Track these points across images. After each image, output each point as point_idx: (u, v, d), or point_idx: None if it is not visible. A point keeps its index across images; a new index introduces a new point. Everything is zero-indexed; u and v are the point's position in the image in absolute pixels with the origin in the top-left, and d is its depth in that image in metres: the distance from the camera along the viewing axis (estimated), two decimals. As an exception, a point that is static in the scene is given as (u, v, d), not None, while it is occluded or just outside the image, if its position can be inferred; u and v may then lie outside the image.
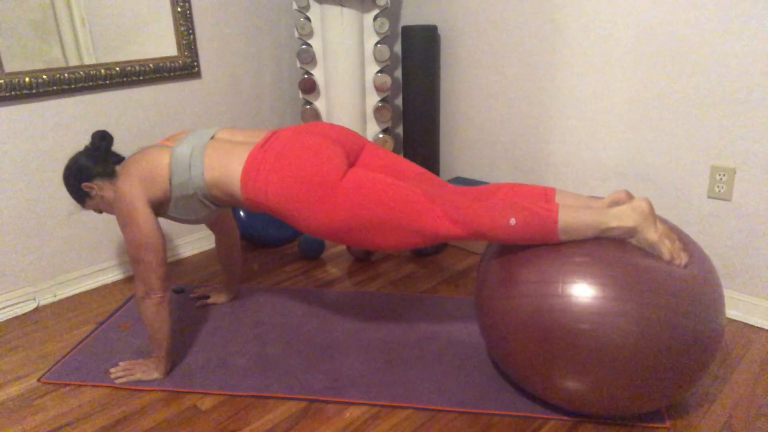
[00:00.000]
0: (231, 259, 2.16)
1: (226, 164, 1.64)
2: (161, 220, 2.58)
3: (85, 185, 1.74)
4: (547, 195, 1.58)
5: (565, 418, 1.57)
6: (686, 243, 1.53)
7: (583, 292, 1.37)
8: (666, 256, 1.42)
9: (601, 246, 1.44)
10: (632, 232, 1.43)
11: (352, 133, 1.76)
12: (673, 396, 1.43)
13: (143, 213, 1.65)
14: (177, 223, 2.67)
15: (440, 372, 1.78)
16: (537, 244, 1.49)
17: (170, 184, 1.68)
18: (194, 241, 2.74)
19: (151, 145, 1.76)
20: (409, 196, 1.52)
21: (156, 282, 1.67)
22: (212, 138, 1.75)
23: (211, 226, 2.11)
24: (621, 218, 1.43)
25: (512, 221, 1.45)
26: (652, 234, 1.42)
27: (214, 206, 1.75)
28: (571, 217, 1.43)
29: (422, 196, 1.53)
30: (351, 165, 1.67)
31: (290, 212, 1.58)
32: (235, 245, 2.15)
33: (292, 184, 1.55)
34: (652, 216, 1.43)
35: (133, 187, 1.66)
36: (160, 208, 1.73)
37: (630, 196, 1.50)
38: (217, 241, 2.13)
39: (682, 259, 1.43)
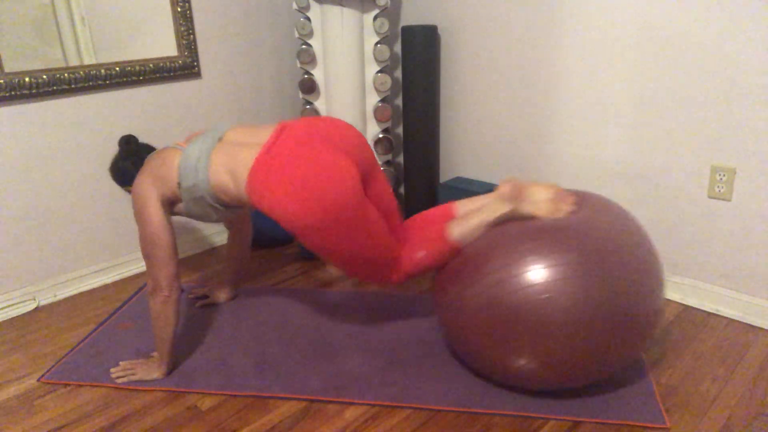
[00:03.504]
0: (239, 257, 2.18)
1: (231, 170, 1.63)
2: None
3: (126, 189, 1.88)
4: (444, 215, 1.79)
5: (565, 418, 1.57)
6: (626, 224, 1.60)
7: (531, 274, 1.47)
8: (547, 215, 1.60)
9: (544, 228, 1.54)
10: (512, 214, 1.63)
11: (360, 141, 1.71)
12: (615, 366, 1.53)
13: (154, 210, 1.67)
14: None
15: (440, 372, 1.78)
16: (449, 257, 1.68)
17: (179, 187, 1.69)
18: (225, 231, 2.78)
19: (168, 145, 1.78)
20: (392, 251, 1.70)
21: (163, 279, 1.68)
22: (221, 140, 1.72)
23: (227, 224, 2.13)
24: (495, 209, 1.64)
25: (420, 254, 1.70)
26: (526, 208, 1.62)
27: (224, 209, 1.74)
28: (462, 228, 1.65)
29: (398, 252, 1.72)
30: (363, 180, 1.69)
31: (293, 229, 1.58)
32: (246, 245, 2.17)
33: (303, 206, 1.52)
34: (515, 195, 1.63)
35: (146, 184, 1.69)
36: (172, 206, 1.76)
37: (508, 182, 1.67)
38: (230, 237, 2.16)
39: (563, 209, 1.60)
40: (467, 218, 1.66)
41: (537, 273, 1.46)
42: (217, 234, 2.80)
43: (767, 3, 1.78)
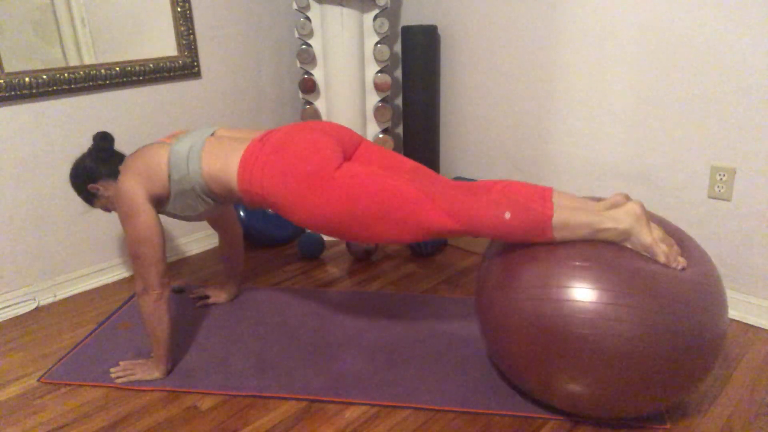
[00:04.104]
0: (233, 257, 2.17)
1: (224, 158, 1.65)
2: (163, 218, 2.59)
3: (91, 187, 1.76)
4: (543, 194, 1.54)
5: (565, 418, 1.57)
6: (686, 245, 1.52)
7: (583, 296, 1.36)
8: (662, 258, 1.42)
9: (601, 250, 1.43)
10: (626, 234, 1.43)
11: (349, 130, 1.77)
12: (672, 399, 1.43)
13: (143, 208, 1.67)
14: (181, 222, 2.68)
15: (440, 372, 1.78)
16: (530, 242, 1.48)
17: (169, 180, 1.69)
18: (199, 240, 2.74)
19: (151, 142, 1.77)
20: (402, 190, 1.51)
21: (154, 278, 1.68)
22: (212, 135, 1.77)
23: (214, 225, 2.12)
24: (615, 220, 1.43)
25: (507, 215, 1.44)
26: (646, 236, 1.42)
27: (212, 202, 1.75)
28: (567, 216, 1.43)
29: (415, 190, 1.51)
30: (347, 160, 1.68)
31: (284, 204, 1.58)
32: (237, 244, 2.16)
33: (286, 176, 1.56)
34: (645, 219, 1.44)
35: (132, 183, 1.68)
36: (159, 204, 1.74)
37: (627, 199, 1.51)
38: (220, 239, 2.15)
39: (679, 262, 1.42)
40: (574, 211, 1.45)
41: (586, 293, 1.35)
42: (192, 242, 2.79)
43: (767, 3, 1.78)
